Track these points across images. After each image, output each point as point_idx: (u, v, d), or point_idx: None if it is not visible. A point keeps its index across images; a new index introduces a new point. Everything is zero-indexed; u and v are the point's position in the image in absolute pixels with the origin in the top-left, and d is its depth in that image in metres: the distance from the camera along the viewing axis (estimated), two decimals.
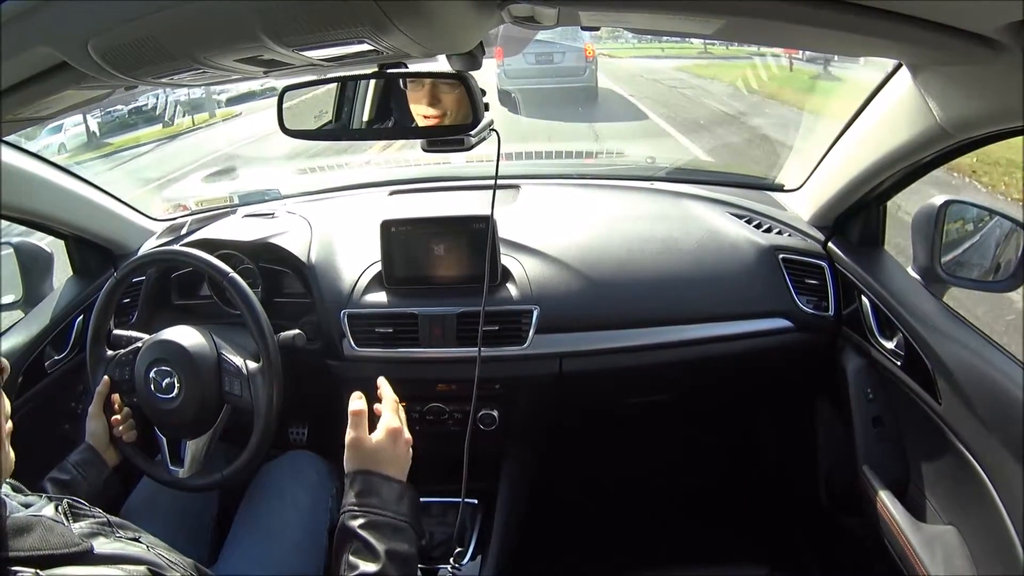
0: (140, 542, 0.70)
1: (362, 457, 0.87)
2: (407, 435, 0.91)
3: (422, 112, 0.98)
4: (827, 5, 0.61)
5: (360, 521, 0.82)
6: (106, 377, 1.17)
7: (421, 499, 0.97)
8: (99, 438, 1.14)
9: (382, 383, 0.98)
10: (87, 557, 0.62)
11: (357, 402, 0.90)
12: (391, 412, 0.92)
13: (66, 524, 0.65)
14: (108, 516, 0.71)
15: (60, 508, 0.68)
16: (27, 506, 0.69)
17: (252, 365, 1.15)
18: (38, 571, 0.56)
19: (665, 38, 6.81)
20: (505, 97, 6.40)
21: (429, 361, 1.29)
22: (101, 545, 0.65)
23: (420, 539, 0.86)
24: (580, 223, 1.40)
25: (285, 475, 1.21)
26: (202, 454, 1.16)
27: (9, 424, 0.68)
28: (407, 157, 2.15)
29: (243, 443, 1.14)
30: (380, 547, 0.79)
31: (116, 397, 1.17)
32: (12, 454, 0.67)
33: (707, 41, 6.07)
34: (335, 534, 0.84)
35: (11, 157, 1.24)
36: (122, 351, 1.19)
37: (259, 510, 1.15)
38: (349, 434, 0.89)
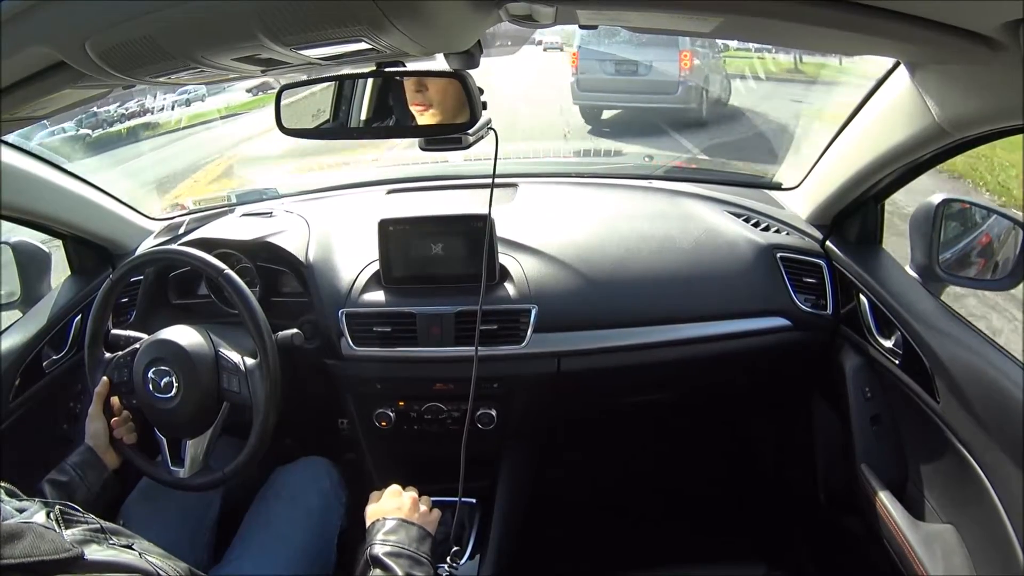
0: (133, 549, 0.70)
1: (389, 508, 1.00)
2: (425, 507, 1.04)
3: (411, 101, 0.98)
4: (825, 3, 0.61)
5: (385, 550, 0.91)
6: (105, 378, 1.17)
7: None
8: (99, 440, 1.14)
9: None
10: (78, 564, 0.62)
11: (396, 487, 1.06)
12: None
13: (57, 531, 0.65)
14: (102, 522, 0.71)
15: (52, 515, 0.68)
16: (21, 511, 0.68)
17: (250, 361, 1.16)
18: None
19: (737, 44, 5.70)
20: (590, 116, 5.67)
21: (427, 360, 1.28)
22: (93, 552, 0.65)
23: None
24: (578, 222, 1.40)
25: (298, 480, 1.22)
26: (202, 454, 1.16)
27: None
28: (413, 156, 2.13)
29: (243, 442, 1.14)
30: (400, 572, 0.88)
31: (115, 399, 1.17)
32: None
33: (802, 52, 5.07)
34: (359, 566, 0.92)
35: (9, 157, 1.24)
36: (120, 353, 1.19)
37: (271, 513, 1.16)
38: (380, 493, 1.04)
